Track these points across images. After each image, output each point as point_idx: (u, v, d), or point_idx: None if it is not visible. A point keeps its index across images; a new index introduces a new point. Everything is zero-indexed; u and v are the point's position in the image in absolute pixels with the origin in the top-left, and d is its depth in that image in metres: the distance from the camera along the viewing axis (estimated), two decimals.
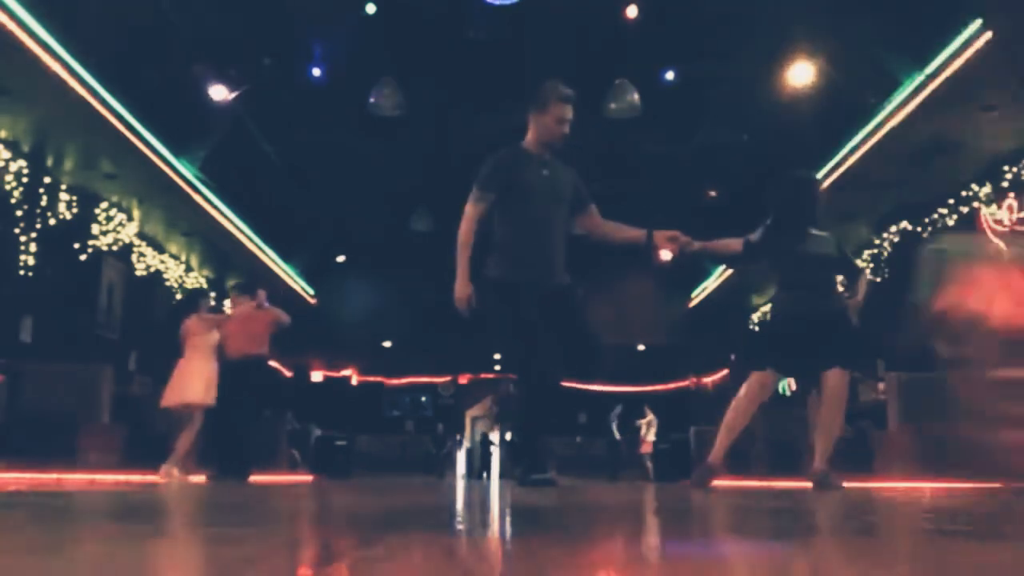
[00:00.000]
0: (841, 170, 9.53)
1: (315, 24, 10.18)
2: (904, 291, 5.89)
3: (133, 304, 11.66)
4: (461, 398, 20.01)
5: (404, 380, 19.75)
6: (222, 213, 11.59)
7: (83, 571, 0.96)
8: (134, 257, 11.74)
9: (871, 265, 11.65)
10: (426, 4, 10.03)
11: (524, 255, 3.92)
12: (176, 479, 6.20)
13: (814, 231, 4.46)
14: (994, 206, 9.04)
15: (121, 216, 10.87)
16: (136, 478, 6.35)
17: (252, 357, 6.84)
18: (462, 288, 3.83)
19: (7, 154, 8.68)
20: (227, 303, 7.81)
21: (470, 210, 3.94)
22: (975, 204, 9.31)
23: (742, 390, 4.48)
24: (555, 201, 3.98)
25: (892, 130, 8.53)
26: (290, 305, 16.57)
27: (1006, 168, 8.81)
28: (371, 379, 19.54)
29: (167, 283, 12.85)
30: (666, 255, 4.27)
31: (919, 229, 10.31)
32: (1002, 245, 8.65)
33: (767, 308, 4.50)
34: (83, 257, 10.26)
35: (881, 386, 8.72)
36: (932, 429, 7.40)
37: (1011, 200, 8.80)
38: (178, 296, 13.10)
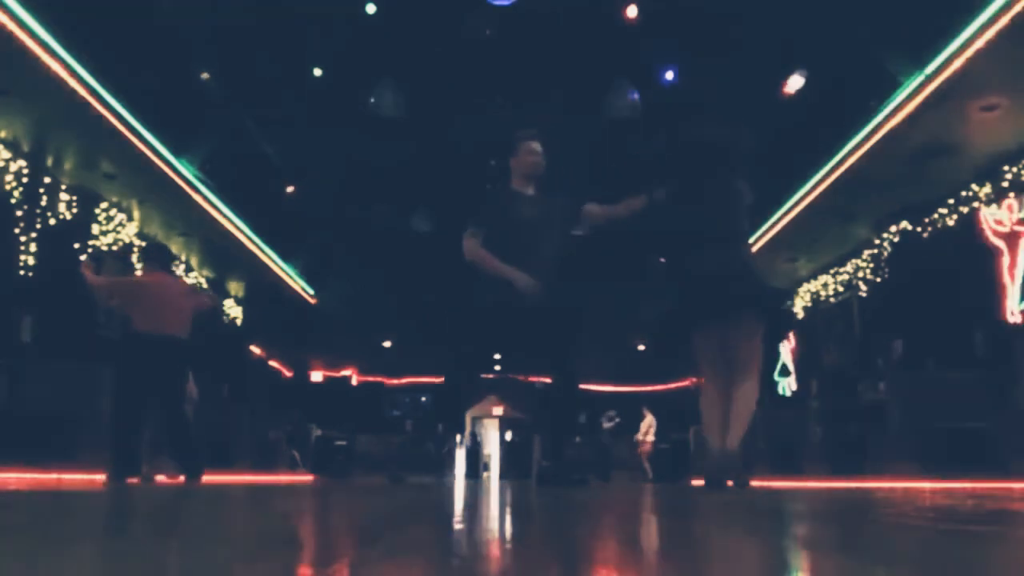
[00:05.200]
0: (841, 170, 9.53)
1: (315, 23, 10.19)
2: None
3: None
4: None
5: (404, 380, 19.74)
6: (222, 213, 11.59)
7: (82, 571, 0.96)
8: (134, 257, 11.74)
9: (871, 265, 11.65)
10: (426, 4, 10.03)
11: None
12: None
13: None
14: (994, 206, 9.04)
15: (121, 216, 10.87)
16: (136, 478, 6.34)
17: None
18: (524, 278, 4.19)
19: (7, 154, 8.68)
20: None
21: (471, 242, 4.39)
22: (975, 204, 9.31)
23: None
24: (546, 229, 4.40)
25: (892, 130, 8.53)
26: (290, 305, 16.54)
27: (1006, 168, 8.80)
28: (371, 379, 19.54)
29: None
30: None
31: (919, 229, 10.31)
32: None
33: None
34: (83, 257, 10.25)
35: (881, 385, 8.71)
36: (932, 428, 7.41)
37: (1011, 200, 8.80)
38: None
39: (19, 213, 8.96)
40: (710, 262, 4.25)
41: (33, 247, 9.10)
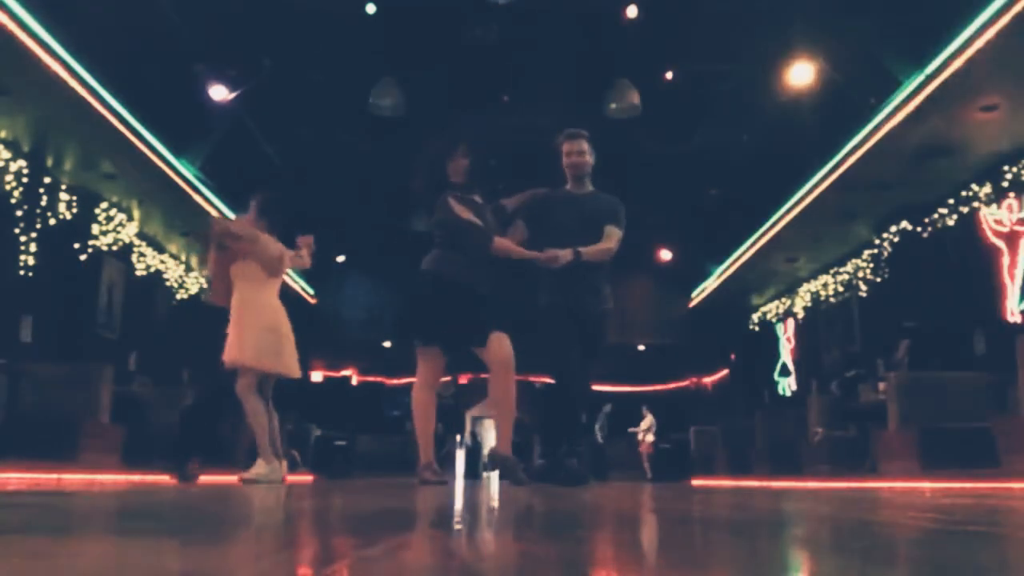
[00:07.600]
0: (841, 170, 9.53)
1: (315, 23, 10.18)
2: None
3: (133, 304, 11.65)
4: (461, 398, 19.99)
5: (404, 380, 19.70)
6: (222, 213, 11.58)
7: (83, 572, 0.96)
8: (134, 257, 11.74)
9: (871, 265, 11.64)
10: (426, 4, 10.03)
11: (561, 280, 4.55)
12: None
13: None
14: (994, 206, 9.04)
15: (121, 216, 10.87)
16: (136, 478, 6.36)
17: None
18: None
19: (7, 154, 8.68)
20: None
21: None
22: (975, 204, 9.31)
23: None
24: (584, 229, 4.57)
25: (892, 130, 8.52)
26: (290, 305, 16.48)
27: (1006, 168, 8.80)
28: (371, 379, 19.52)
29: (167, 283, 12.84)
30: None
31: (919, 229, 10.31)
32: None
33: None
34: (83, 257, 10.25)
35: (882, 386, 8.71)
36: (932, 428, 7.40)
37: (1011, 200, 8.79)
38: (178, 296, 13.10)
39: (19, 213, 8.96)
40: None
41: (33, 247, 9.10)
